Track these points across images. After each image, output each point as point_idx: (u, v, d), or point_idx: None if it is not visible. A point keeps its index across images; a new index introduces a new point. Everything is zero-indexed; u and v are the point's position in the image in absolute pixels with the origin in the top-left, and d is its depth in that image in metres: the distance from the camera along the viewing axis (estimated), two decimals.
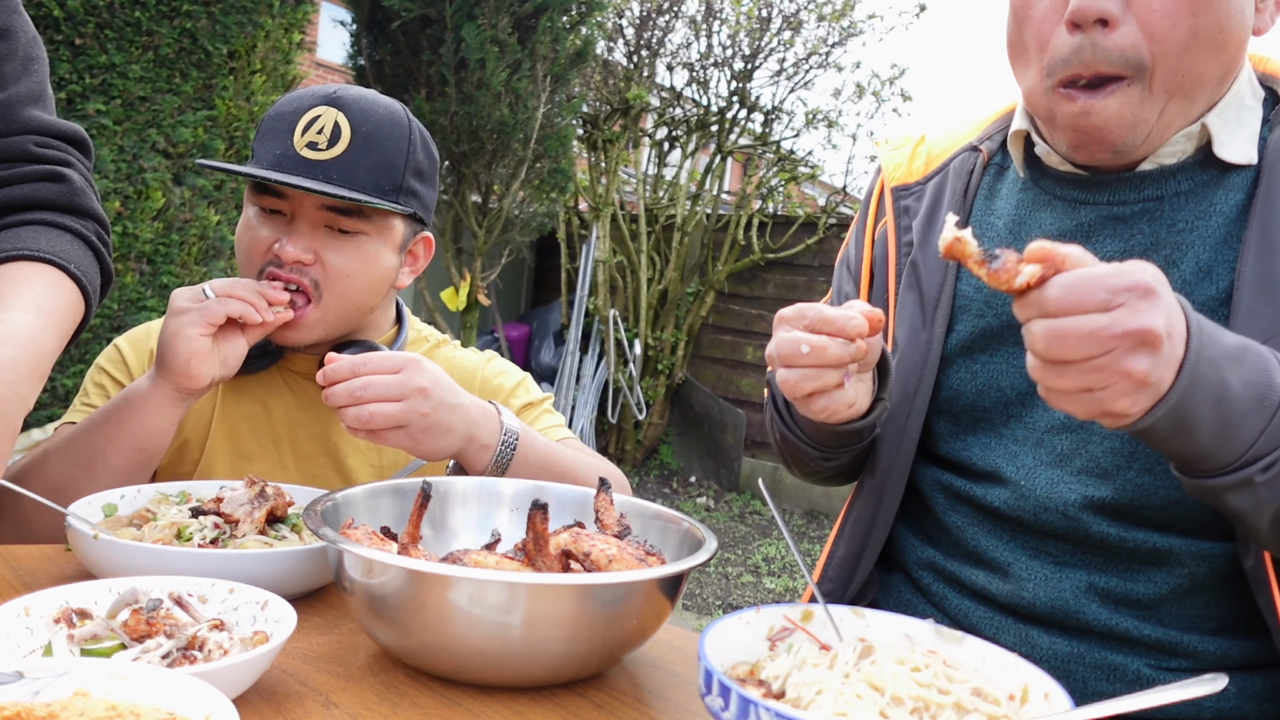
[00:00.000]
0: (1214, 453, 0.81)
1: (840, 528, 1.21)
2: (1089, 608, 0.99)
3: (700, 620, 4.41)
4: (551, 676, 0.84)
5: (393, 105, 1.30)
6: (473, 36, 5.59)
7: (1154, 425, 0.77)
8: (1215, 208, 0.98)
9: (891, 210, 1.19)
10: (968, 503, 1.09)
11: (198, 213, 3.50)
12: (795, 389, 0.92)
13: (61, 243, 1.02)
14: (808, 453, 1.14)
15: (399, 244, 1.34)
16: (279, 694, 0.79)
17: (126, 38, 3.20)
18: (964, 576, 1.08)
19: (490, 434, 1.18)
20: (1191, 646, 0.97)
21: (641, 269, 7.33)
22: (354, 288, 1.28)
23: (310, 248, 1.25)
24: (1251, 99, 1.01)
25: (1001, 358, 1.07)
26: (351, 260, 1.27)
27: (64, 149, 1.12)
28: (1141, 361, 0.72)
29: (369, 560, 0.81)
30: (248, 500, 1.06)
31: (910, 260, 1.15)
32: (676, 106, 7.65)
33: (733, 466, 6.97)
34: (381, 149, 1.26)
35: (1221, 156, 0.98)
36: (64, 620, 0.79)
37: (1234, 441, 0.79)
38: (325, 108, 1.25)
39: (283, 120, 1.26)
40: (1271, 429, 0.79)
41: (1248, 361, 0.79)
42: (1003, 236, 1.10)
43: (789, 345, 0.90)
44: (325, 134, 1.24)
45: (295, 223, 1.26)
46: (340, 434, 1.37)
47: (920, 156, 1.20)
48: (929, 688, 0.73)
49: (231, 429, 1.38)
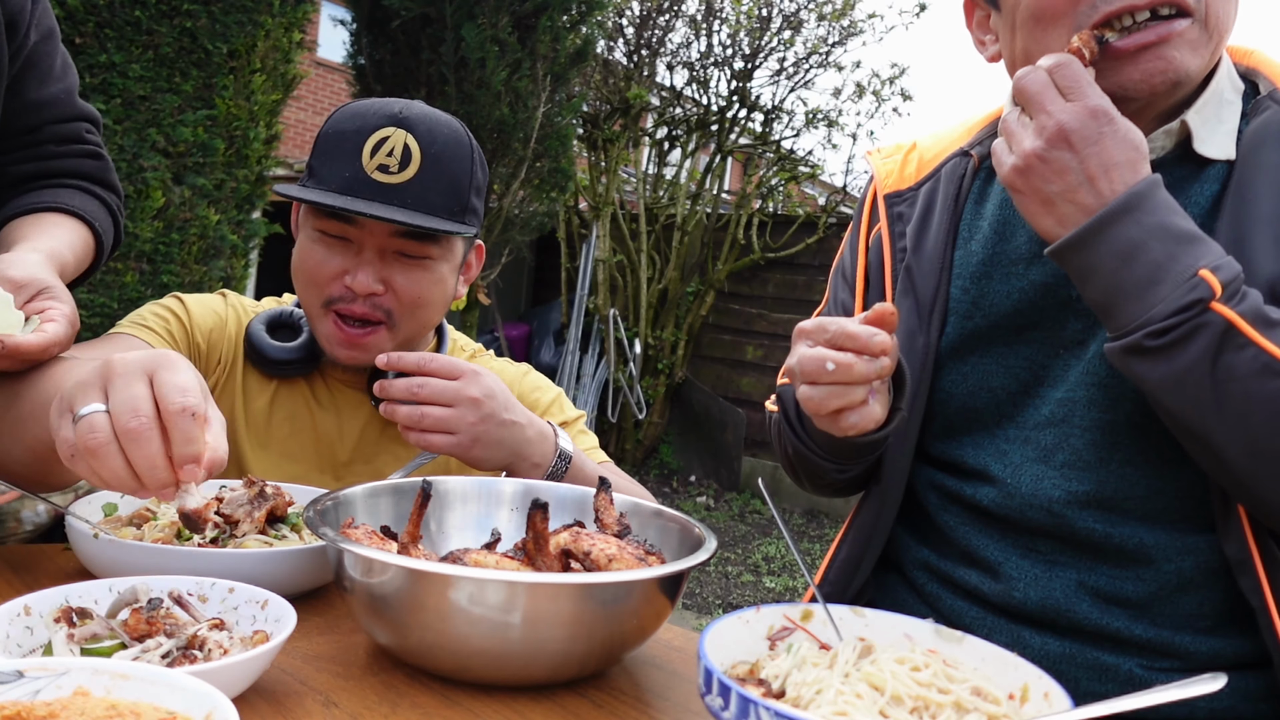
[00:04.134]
0: (1105, 305, 0.89)
1: (845, 531, 1.21)
2: (1079, 607, 1.00)
3: (700, 620, 4.41)
4: (551, 676, 0.84)
5: (454, 124, 1.29)
6: (473, 36, 5.59)
7: (1061, 252, 0.88)
8: (1190, 199, 0.99)
9: (885, 217, 1.20)
10: (959, 502, 1.09)
11: (198, 212, 3.50)
12: (820, 406, 0.91)
13: (91, 204, 1.28)
14: (822, 466, 1.14)
15: (459, 262, 1.33)
16: (279, 694, 0.79)
17: (126, 37, 3.20)
18: (957, 576, 1.08)
19: (544, 455, 1.20)
20: (1183, 646, 0.97)
21: (641, 268, 7.33)
22: (425, 311, 1.28)
23: (381, 277, 1.24)
24: (1232, 93, 1.02)
25: (991, 358, 1.08)
26: (421, 285, 1.26)
27: (96, 133, 1.38)
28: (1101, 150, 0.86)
29: (369, 559, 0.81)
30: (248, 500, 1.06)
31: (905, 266, 1.15)
32: (676, 106, 7.65)
33: (733, 466, 6.98)
34: (449, 170, 1.24)
35: (1201, 153, 0.99)
36: (64, 619, 0.79)
37: (1128, 301, 0.86)
38: (394, 129, 1.22)
39: (347, 140, 1.23)
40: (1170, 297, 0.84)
41: (1182, 247, 0.85)
42: (989, 237, 1.10)
43: (813, 362, 0.89)
44: (396, 157, 1.21)
45: (364, 251, 1.23)
46: (378, 443, 1.36)
47: (912, 163, 1.21)
48: (929, 687, 0.73)
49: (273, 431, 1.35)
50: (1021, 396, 1.05)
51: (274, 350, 1.32)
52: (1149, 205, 0.87)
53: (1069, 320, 1.03)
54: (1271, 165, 0.95)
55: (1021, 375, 1.06)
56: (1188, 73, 0.96)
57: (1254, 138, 0.97)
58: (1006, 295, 1.07)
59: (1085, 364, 1.01)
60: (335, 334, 1.26)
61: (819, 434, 1.08)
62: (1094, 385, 1.00)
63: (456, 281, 1.34)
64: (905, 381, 1.01)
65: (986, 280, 1.09)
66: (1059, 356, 1.04)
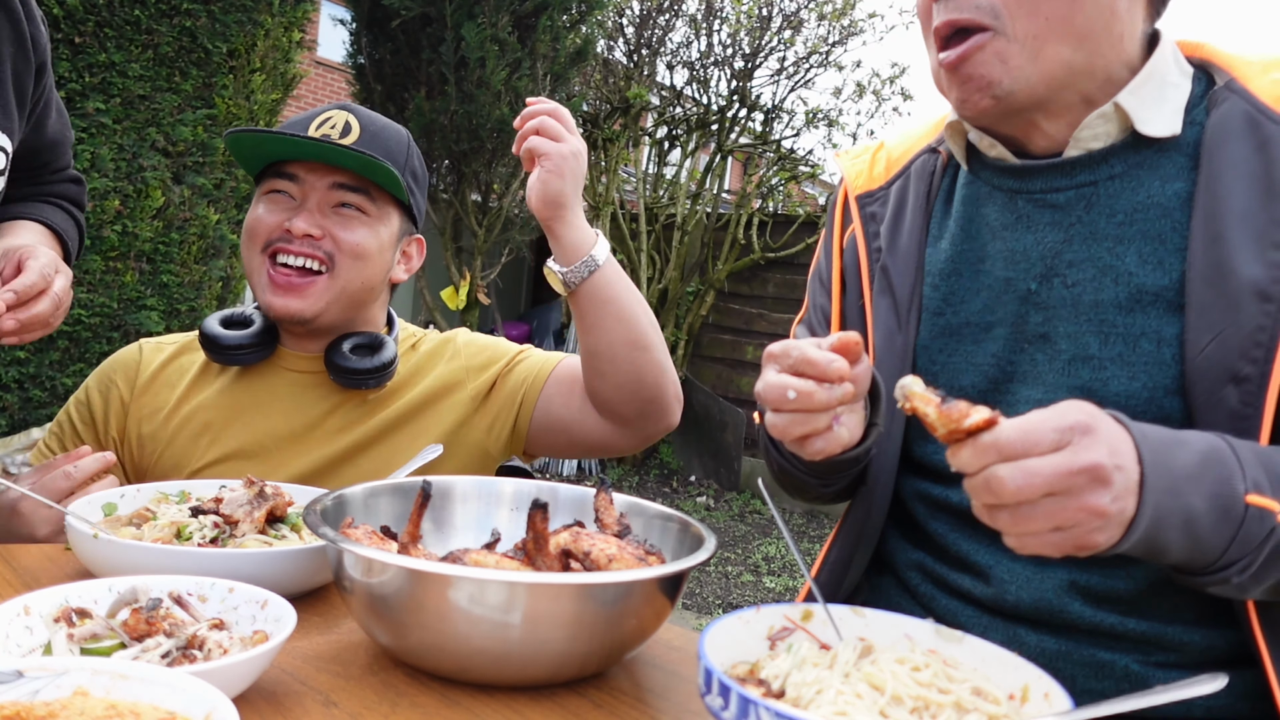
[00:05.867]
0: (1189, 563, 0.83)
1: (835, 534, 1.22)
2: (1072, 607, 0.99)
3: (700, 620, 4.41)
4: (551, 676, 0.84)
5: (393, 122, 1.45)
6: (473, 35, 5.59)
7: (1128, 551, 0.80)
8: (1154, 199, 0.98)
9: (858, 217, 1.20)
10: (945, 509, 1.09)
11: (197, 211, 3.50)
12: (784, 433, 0.90)
13: (67, 223, 1.46)
14: (808, 482, 1.15)
15: (395, 236, 1.42)
16: (279, 693, 0.79)
17: (126, 36, 3.20)
18: (950, 580, 1.08)
19: (585, 238, 1.28)
20: (1176, 639, 0.97)
21: (641, 268, 7.33)
22: (365, 261, 1.37)
23: (319, 224, 1.34)
24: (1178, 76, 1.01)
25: (960, 357, 1.08)
26: (360, 235, 1.36)
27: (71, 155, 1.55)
28: (1100, 495, 0.74)
29: (369, 559, 0.81)
30: (247, 500, 1.06)
31: (880, 265, 1.15)
32: (677, 105, 7.65)
33: (733, 466, 6.98)
34: (386, 145, 1.39)
35: (1146, 133, 0.98)
36: (64, 619, 0.79)
37: (1207, 553, 0.82)
38: (335, 110, 1.39)
39: (295, 125, 1.38)
40: (1241, 537, 0.81)
41: (1208, 476, 0.81)
42: (956, 235, 1.11)
43: (775, 390, 0.88)
44: (338, 128, 1.37)
45: (304, 203, 1.35)
46: (334, 434, 1.38)
47: (880, 163, 1.22)
48: (929, 687, 0.73)
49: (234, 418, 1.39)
50: (992, 394, 1.05)
51: (226, 338, 1.38)
52: (1161, 469, 0.79)
53: (1029, 314, 1.03)
54: (1239, 160, 0.94)
55: (990, 372, 1.05)
56: (1000, 84, 0.97)
57: (1218, 132, 0.97)
58: (975, 292, 1.07)
59: (1064, 366, 1.01)
60: (269, 279, 1.35)
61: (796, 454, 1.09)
62: (1076, 389, 0.99)
63: (395, 258, 1.44)
64: (881, 397, 1.00)
65: (956, 277, 1.09)
66: (1024, 351, 1.03)
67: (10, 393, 3.18)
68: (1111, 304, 0.98)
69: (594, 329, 1.29)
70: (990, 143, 1.07)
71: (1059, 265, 1.01)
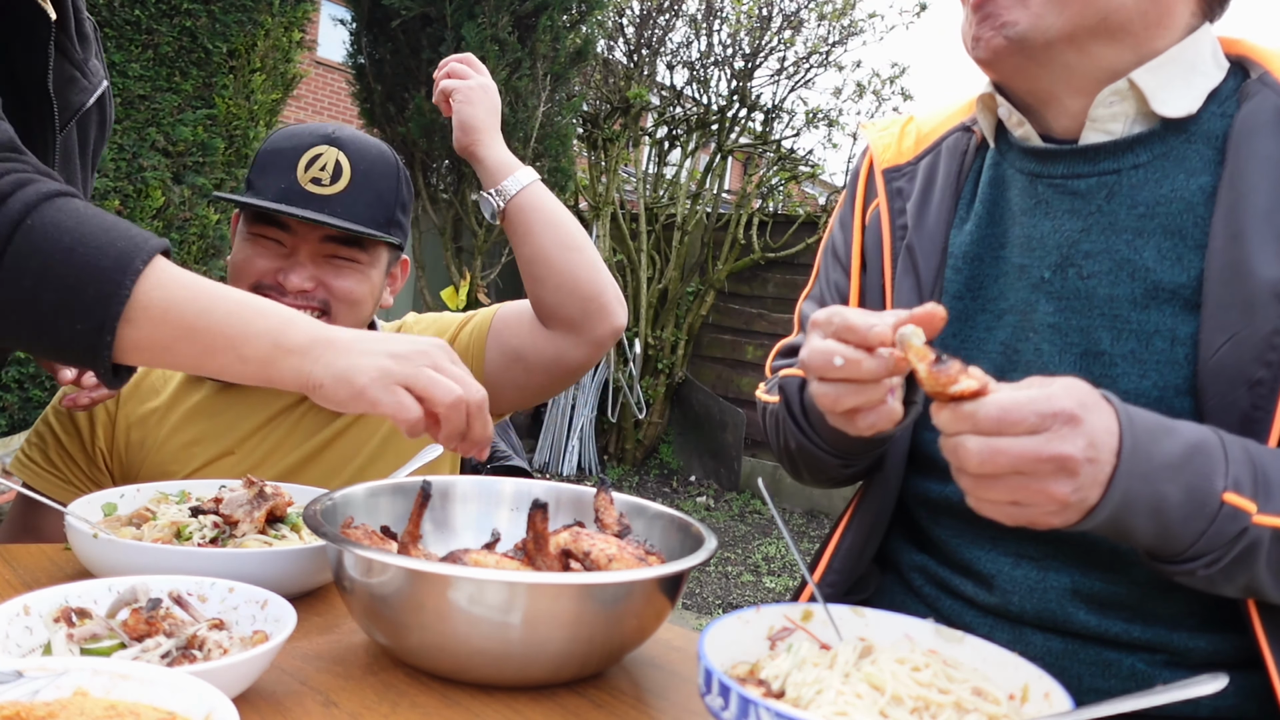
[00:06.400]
0: (1157, 550, 0.83)
1: (850, 519, 1.19)
2: (1076, 614, 0.99)
3: (700, 620, 4.41)
4: (551, 676, 0.84)
5: (382, 146, 1.45)
6: (473, 35, 5.59)
7: (1091, 530, 0.80)
8: (1177, 193, 0.96)
9: (883, 191, 1.16)
10: (947, 512, 1.08)
11: (197, 211, 3.50)
12: (834, 405, 0.85)
13: None
14: (827, 461, 1.11)
15: (385, 270, 1.46)
16: (279, 693, 0.79)
17: (126, 36, 3.20)
18: (954, 584, 1.07)
19: (508, 161, 1.38)
20: (1181, 644, 0.97)
21: (641, 268, 7.33)
22: (359, 306, 1.40)
23: (313, 276, 1.35)
24: (1212, 67, 0.99)
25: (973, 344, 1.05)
26: (352, 282, 1.38)
27: None
28: (1062, 485, 0.75)
29: (369, 560, 0.81)
30: (247, 500, 1.06)
31: (906, 244, 1.12)
32: (677, 105, 7.65)
33: (733, 466, 6.97)
34: (376, 186, 1.39)
35: (1162, 113, 0.96)
36: (63, 619, 0.79)
37: (1174, 543, 0.82)
38: (326, 146, 1.37)
39: (282, 156, 1.36)
40: (1212, 532, 0.80)
41: (1189, 468, 0.80)
42: (982, 217, 1.08)
43: (820, 356, 0.83)
44: (328, 171, 1.35)
45: (296, 254, 1.35)
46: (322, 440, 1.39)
47: (910, 136, 1.18)
48: (929, 687, 0.73)
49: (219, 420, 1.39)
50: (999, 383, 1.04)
51: None
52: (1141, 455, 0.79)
53: (1040, 302, 1.01)
54: (1265, 156, 0.92)
55: (997, 360, 1.04)
56: (1017, 24, 0.95)
57: (1247, 124, 0.94)
58: (994, 279, 1.05)
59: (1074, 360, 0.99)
60: None
61: (828, 430, 1.05)
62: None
63: (383, 288, 1.47)
64: None
65: (978, 263, 1.07)
66: (1028, 340, 1.01)
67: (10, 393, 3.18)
68: (1126, 299, 0.96)
69: (525, 238, 1.37)
70: (1018, 119, 1.04)
71: (1075, 255, 0.99)
